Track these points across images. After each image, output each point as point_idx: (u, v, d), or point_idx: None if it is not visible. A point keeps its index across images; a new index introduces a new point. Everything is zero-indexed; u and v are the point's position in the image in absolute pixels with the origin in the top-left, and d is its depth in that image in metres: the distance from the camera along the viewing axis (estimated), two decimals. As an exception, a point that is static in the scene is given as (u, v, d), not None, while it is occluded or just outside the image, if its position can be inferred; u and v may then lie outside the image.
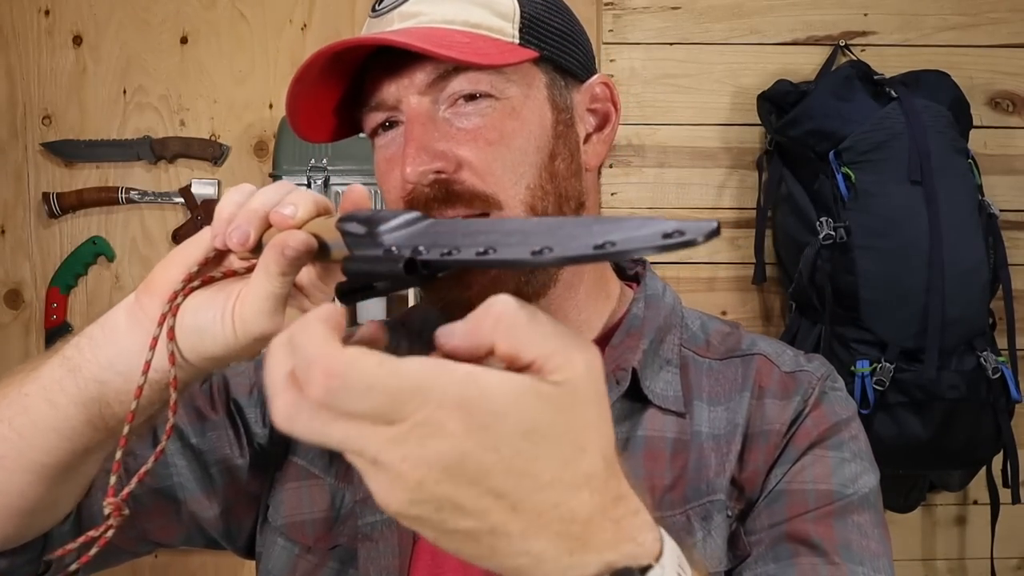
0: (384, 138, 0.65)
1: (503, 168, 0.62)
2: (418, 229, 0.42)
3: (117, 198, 1.84)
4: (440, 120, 0.62)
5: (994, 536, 1.70)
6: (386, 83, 0.62)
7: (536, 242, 0.36)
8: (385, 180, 0.65)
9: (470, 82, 0.61)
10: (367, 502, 0.65)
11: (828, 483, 0.62)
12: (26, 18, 1.84)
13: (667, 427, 0.65)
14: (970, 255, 1.54)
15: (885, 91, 1.60)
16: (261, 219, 0.49)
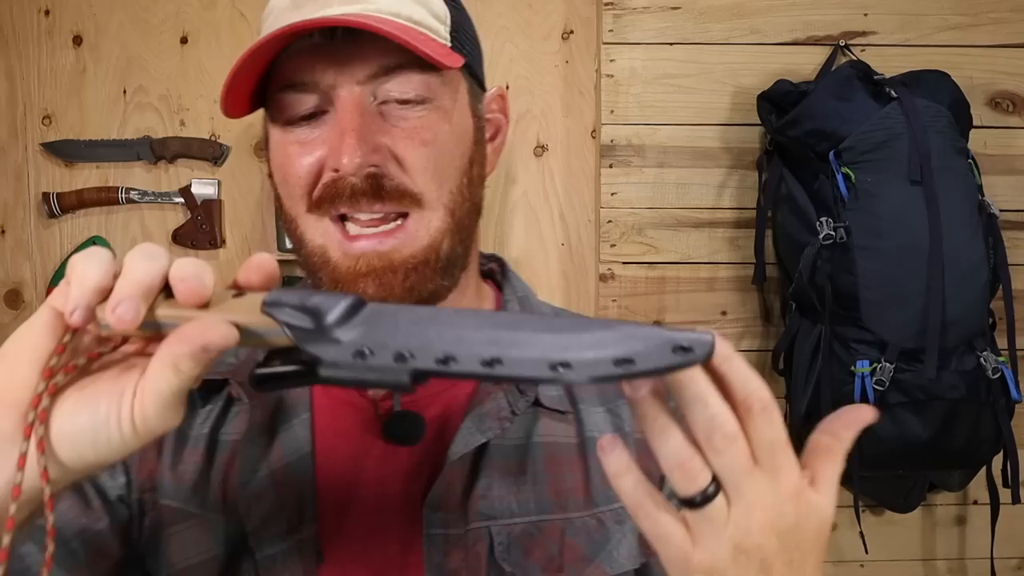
0: (301, 127, 0.62)
1: (433, 170, 0.62)
2: (365, 318, 0.40)
3: (117, 198, 1.84)
4: (375, 114, 0.61)
5: (994, 536, 1.70)
6: (322, 68, 0.60)
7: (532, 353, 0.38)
8: (294, 163, 0.62)
9: (409, 82, 0.61)
10: (261, 533, 0.61)
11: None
12: (26, 18, 1.84)
13: (559, 432, 0.67)
14: (970, 255, 1.54)
15: (885, 91, 1.60)
16: (149, 290, 0.41)
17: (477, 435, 0.64)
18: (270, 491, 0.62)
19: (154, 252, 0.42)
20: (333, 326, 0.40)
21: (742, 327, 1.81)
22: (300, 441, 0.64)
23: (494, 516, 0.63)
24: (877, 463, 1.59)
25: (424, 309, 0.42)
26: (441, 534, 0.62)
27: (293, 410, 0.65)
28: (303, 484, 0.63)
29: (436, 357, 0.38)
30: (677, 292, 1.79)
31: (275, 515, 0.62)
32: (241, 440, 0.64)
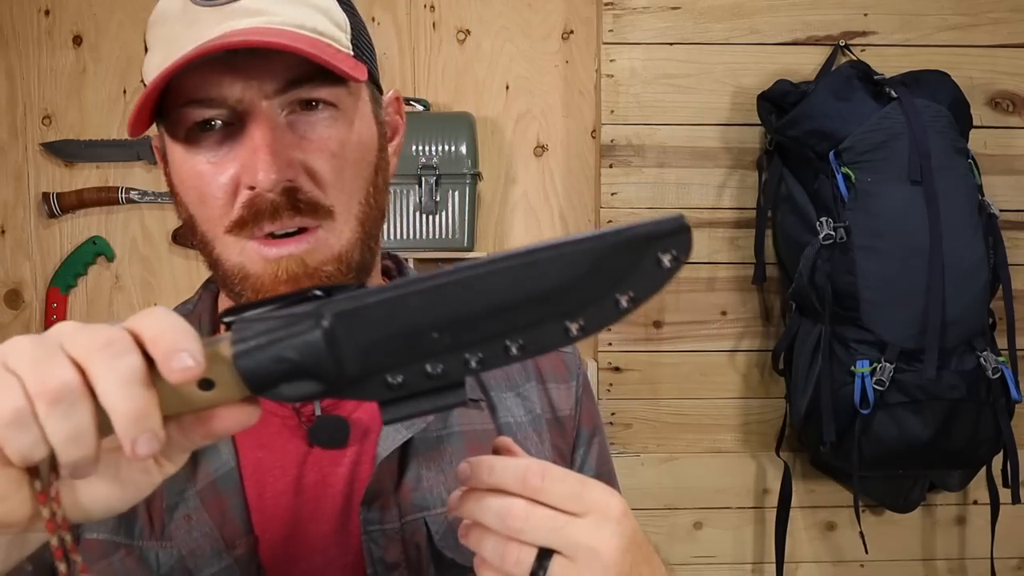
0: (206, 141, 0.60)
1: (342, 181, 0.61)
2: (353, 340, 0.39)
3: (117, 198, 1.84)
4: (284, 127, 0.60)
5: (994, 536, 1.70)
6: (227, 81, 0.58)
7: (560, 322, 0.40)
8: (209, 184, 0.60)
9: (316, 93, 0.60)
10: (196, 555, 0.60)
11: (608, 462, 0.76)
12: (26, 18, 1.84)
13: (475, 420, 0.69)
14: (970, 255, 1.54)
15: (885, 91, 1.60)
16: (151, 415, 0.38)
17: (402, 431, 0.66)
18: (200, 511, 0.62)
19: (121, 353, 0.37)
20: (339, 374, 0.39)
21: (742, 327, 1.81)
22: (224, 456, 0.63)
23: (427, 507, 0.65)
24: (877, 463, 1.59)
25: (391, 302, 0.39)
26: (379, 530, 0.64)
27: None
28: (233, 499, 0.62)
29: (462, 362, 0.40)
30: (677, 292, 1.79)
31: (209, 534, 0.61)
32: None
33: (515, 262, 0.39)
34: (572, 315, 0.40)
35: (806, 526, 1.84)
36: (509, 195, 1.86)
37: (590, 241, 0.39)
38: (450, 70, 1.88)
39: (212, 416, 0.40)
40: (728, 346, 1.81)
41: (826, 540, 1.85)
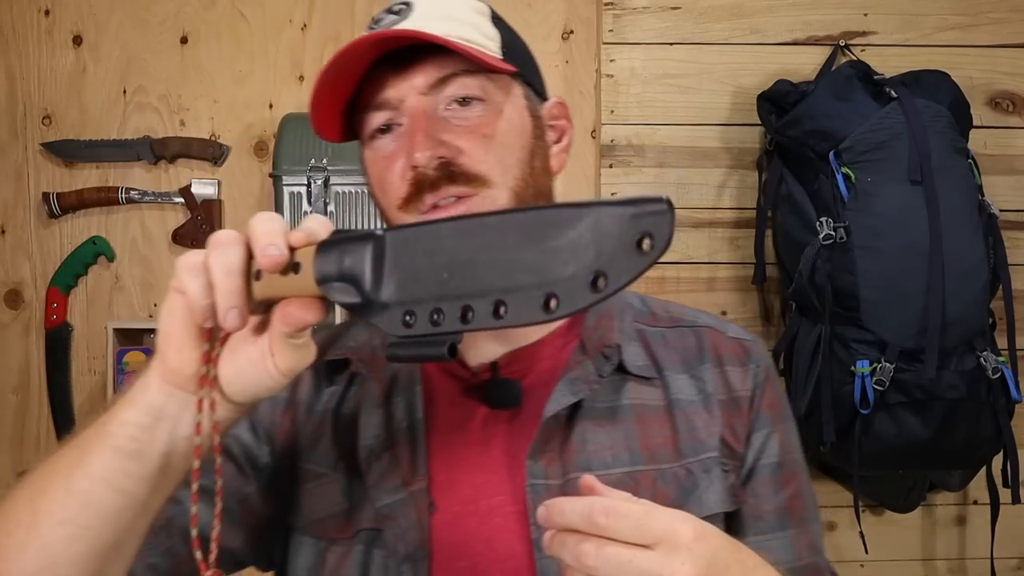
0: (381, 141, 0.72)
1: (496, 158, 0.70)
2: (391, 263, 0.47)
3: (117, 198, 1.84)
4: (439, 117, 0.70)
5: (994, 536, 1.70)
6: (390, 84, 0.70)
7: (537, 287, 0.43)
8: (385, 175, 0.71)
9: (465, 87, 0.70)
10: (379, 486, 0.71)
11: (794, 452, 0.78)
12: (26, 18, 1.84)
13: (646, 395, 0.75)
14: (970, 255, 1.54)
15: (885, 91, 1.60)
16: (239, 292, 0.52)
17: (569, 396, 0.72)
18: (387, 451, 0.73)
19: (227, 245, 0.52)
20: (372, 291, 0.47)
21: (742, 327, 1.81)
22: (413, 408, 0.74)
23: (590, 467, 0.70)
24: (877, 463, 1.59)
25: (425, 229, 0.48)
26: (543, 484, 0.70)
27: (405, 383, 0.75)
28: (416, 444, 0.72)
29: (459, 315, 0.45)
30: (677, 292, 1.79)
31: (391, 470, 0.72)
32: (361, 411, 0.75)
33: (513, 212, 0.47)
34: (551, 288, 0.43)
35: (806, 526, 1.84)
36: (509, 195, 1.86)
37: (572, 206, 0.44)
38: (450, 70, 1.88)
39: (289, 303, 0.51)
40: (728, 346, 1.81)
41: (826, 540, 1.83)
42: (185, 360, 0.53)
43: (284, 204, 1.74)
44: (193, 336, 0.53)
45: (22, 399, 1.89)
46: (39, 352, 1.87)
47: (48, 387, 1.88)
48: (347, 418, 0.76)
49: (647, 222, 0.41)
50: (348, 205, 1.74)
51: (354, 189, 1.76)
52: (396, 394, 0.75)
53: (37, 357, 1.88)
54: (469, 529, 0.70)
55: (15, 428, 1.89)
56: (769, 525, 0.74)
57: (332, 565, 0.71)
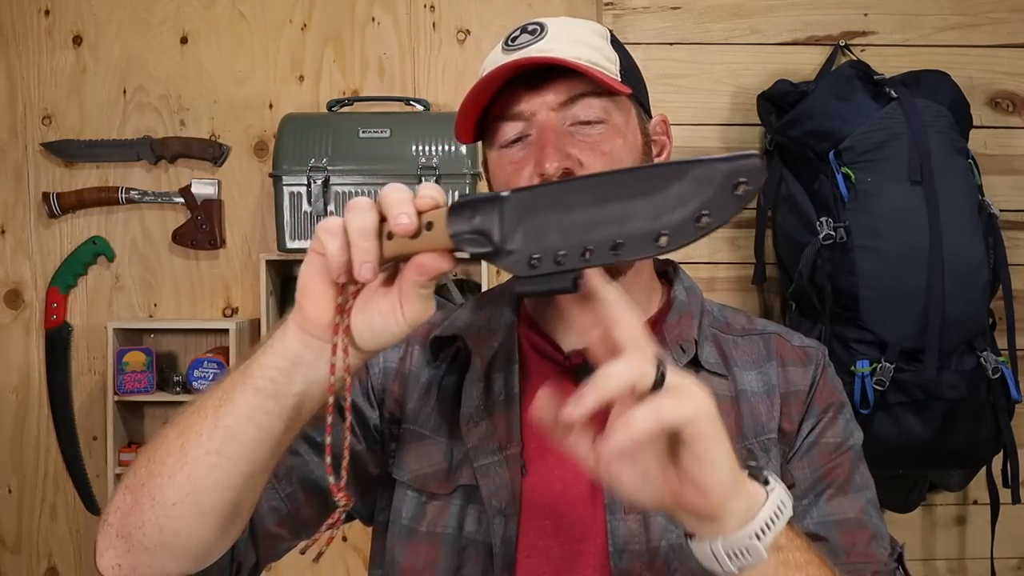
0: (512, 148, 0.81)
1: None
2: (516, 216, 0.55)
3: (117, 198, 1.84)
4: (565, 132, 0.79)
5: (994, 536, 1.70)
6: (524, 99, 0.79)
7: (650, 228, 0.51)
8: (513, 179, 0.80)
9: (590, 107, 0.79)
10: (478, 449, 0.80)
11: (840, 437, 0.84)
12: (26, 18, 1.85)
13: (716, 386, 0.81)
14: (970, 255, 1.54)
15: (885, 91, 1.60)
16: (373, 251, 0.59)
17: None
18: (486, 419, 0.81)
19: (362, 209, 0.59)
20: (502, 241, 0.55)
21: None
22: (510, 384, 0.83)
23: None
24: (877, 463, 1.57)
25: (550, 189, 0.56)
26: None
27: (505, 360, 0.84)
28: (512, 415, 0.81)
29: (580, 254, 0.52)
30: (677, 292, 1.79)
31: (489, 436, 0.81)
32: (464, 383, 0.84)
33: (625, 171, 0.54)
34: (662, 227, 0.51)
35: (806, 526, 1.84)
36: (509, 195, 1.86)
37: (680, 163, 0.52)
38: (450, 70, 1.88)
39: (421, 256, 0.58)
40: (728, 346, 1.81)
41: (826, 540, 1.85)
42: (322, 310, 0.60)
43: (284, 204, 1.74)
44: (329, 290, 0.60)
45: (22, 399, 1.89)
46: (39, 352, 1.88)
47: (48, 387, 1.88)
48: (451, 389, 0.85)
49: (744, 170, 0.49)
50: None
51: (354, 189, 1.76)
52: (496, 370, 0.84)
53: (37, 357, 1.88)
54: (555, 492, 0.79)
55: (15, 428, 1.89)
56: (803, 492, 0.81)
57: (432, 515, 0.81)
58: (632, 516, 0.77)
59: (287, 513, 0.78)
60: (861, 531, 0.80)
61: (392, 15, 1.85)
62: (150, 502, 0.64)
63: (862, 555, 0.79)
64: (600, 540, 0.77)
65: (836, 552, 0.78)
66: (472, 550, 0.79)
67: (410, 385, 0.86)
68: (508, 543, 0.77)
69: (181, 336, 1.90)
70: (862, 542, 0.80)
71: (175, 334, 1.89)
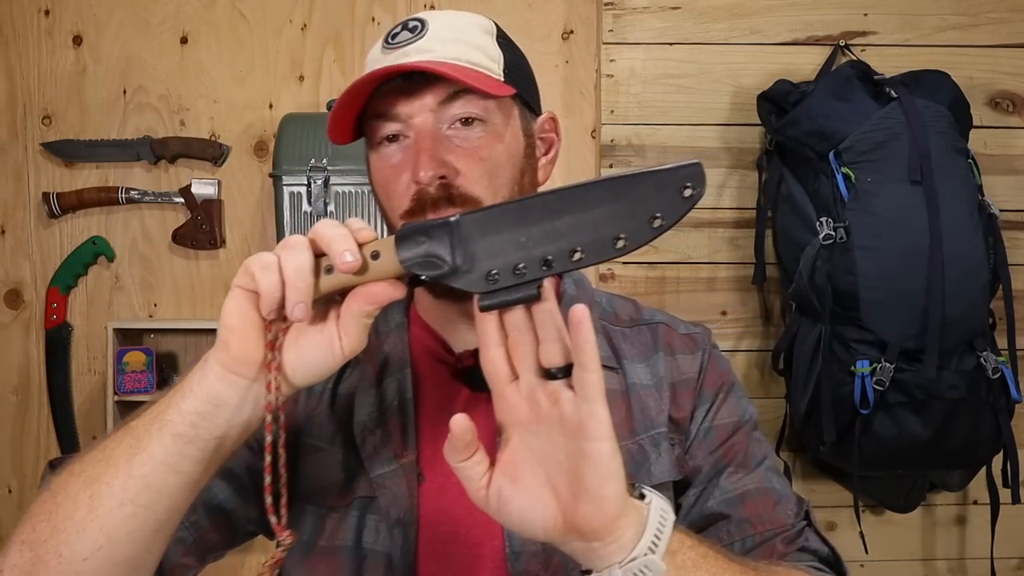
0: (388, 148, 0.79)
1: (489, 179, 0.77)
2: (467, 236, 0.56)
3: (117, 198, 1.84)
4: (443, 136, 0.77)
5: (994, 536, 1.70)
6: (401, 101, 0.77)
7: (608, 234, 0.55)
8: (391, 183, 0.79)
9: (468, 107, 0.77)
10: (373, 458, 0.79)
11: (735, 416, 0.86)
12: (26, 18, 1.85)
13: (610, 381, 0.80)
14: (970, 255, 1.54)
15: (885, 91, 1.60)
16: (307, 288, 0.58)
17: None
18: (380, 427, 0.81)
19: (298, 248, 0.58)
20: (455, 261, 0.56)
21: (742, 327, 1.81)
22: (403, 389, 0.82)
23: None
24: (877, 463, 1.59)
25: (498, 210, 0.57)
26: None
27: (397, 366, 0.84)
28: (406, 421, 0.81)
29: (540, 264, 0.55)
30: (677, 292, 1.79)
31: (384, 445, 0.80)
32: (357, 391, 0.83)
33: (578, 186, 0.56)
34: (618, 232, 0.55)
35: (806, 526, 1.84)
36: (509, 195, 1.86)
37: (630, 175, 0.56)
38: (450, 70, 1.88)
39: (372, 286, 0.58)
40: (728, 346, 1.81)
41: (826, 540, 1.85)
42: (250, 348, 0.60)
43: (284, 204, 1.74)
44: (258, 326, 0.60)
45: (22, 399, 1.89)
46: (39, 352, 1.88)
47: (48, 387, 1.88)
48: (343, 398, 0.84)
49: (689, 176, 0.57)
50: (348, 205, 1.74)
51: (354, 189, 1.76)
52: (387, 376, 0.83)
53: (37, 357, 1.88)
54: (451, 498, 0.78)
55: (15, 428, 1.89)
56: (705, 476, 0.82)
57: (331, 529, 0.79)
58: None
59: (193, 542, 0.77)
60: (764, 499, 0.81)
61: (392, 15, 1.85)
62: (56, 558, 0.61)
63: (769, 522, 0.79)
64: (497, 543, 0.77)
65: (743, 525, 0.79)
66: (371, 561, 0.78)
67: (303, 396, 0.84)
68: (407, 552, 0.77)
69: (181, 336, 1.90)
70: (767, 510, 0.80)
71: (175, 334, 1.89)
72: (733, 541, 0.79)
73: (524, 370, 0.58)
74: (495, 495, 0.58)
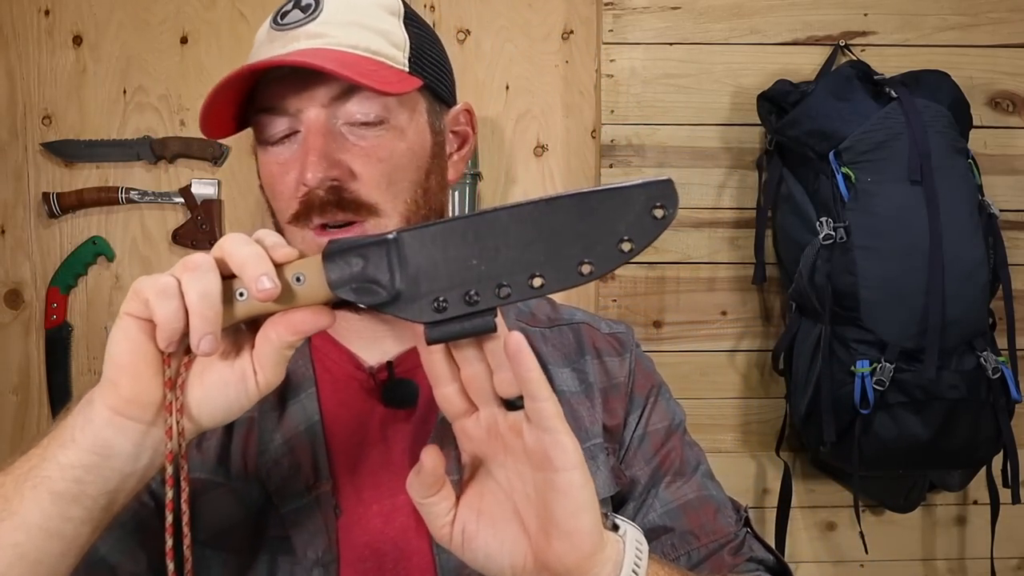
0: (279, 147, 0.70)
1: (388, 183, 0.69)
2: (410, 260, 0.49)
3: (117, 198, 1.84)
4: (337, 133, 0.68)
5: (994, 536, 1.70)
6: (291, 93, 0.68)
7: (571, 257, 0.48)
8: (278, 183, 0.71)
9: (366, 103, 0.68)
10: (281, 492, 0.70)
11: (667, 420, 0.81)
12: (26, 18, 1.84)
13: None
14: (970, 255, 1.54)
15: (885, 91, 1.60)
16: (216, 317, 0.49)
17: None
18: (287, 456, 0.71)
19: (203, 270, 0.49)
20: (395, 287, 0.49)
21: (742, 327, 1.81)
22: (309, 411, 0.72)
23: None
24: (877, 463, 1.59)
25: (446, 227, 0.49)
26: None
27: (300, 386, 0.74)
28: (316, 447, 0.71)
29: (494, 290, 0.48)
30: (677, 292, 1.79)
31: (293, 476, 0.70)
32: (256, 416, 0.73)
33: (538, 201, 0.49)
34: (583, 256, 0.48)
35: (806, 526, 1.84)
36: (509, 195, 1.86)
37: (596, 191, 0.49)
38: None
39: (295, 313, 0.49)
40: (728, 346, 1.81)
41: (826, 540, 1.85)
42: (144, 388, 0.50)
43: (284, 204, 1.74)
44: (153, 362, 0.50)
45: (22, 399, 1.89)
46: (39, 352, 1.88)
47: (48, 387, 1.88)
48: (241, 424, 0.73)
49: (660, 194, 0.48)
50: (348, 205, 1.74)
51: (354, 189, 1.76)
52: (290, 397, 0.73)
53: (37, 357, 1.88)
54: (374, 530, 0.70)
55: (15, 428, 1.89)
56: (644, 487, 0.77)
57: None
58: None
59: None
60: (704, 508, 0.77)
61: (392, 15, 1.85)
62: None
63: (712, 533, 0.76)
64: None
65: (687, 538, 0.75)
66: None
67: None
68: None
69: (181, 336, 1.90)
70: (709, 520, 0.76)
71: (175, 334, 1.89)
72: (679, 555, 0.74)
73: (482, 403, 0.52)
74: (459, 531, 0.53)
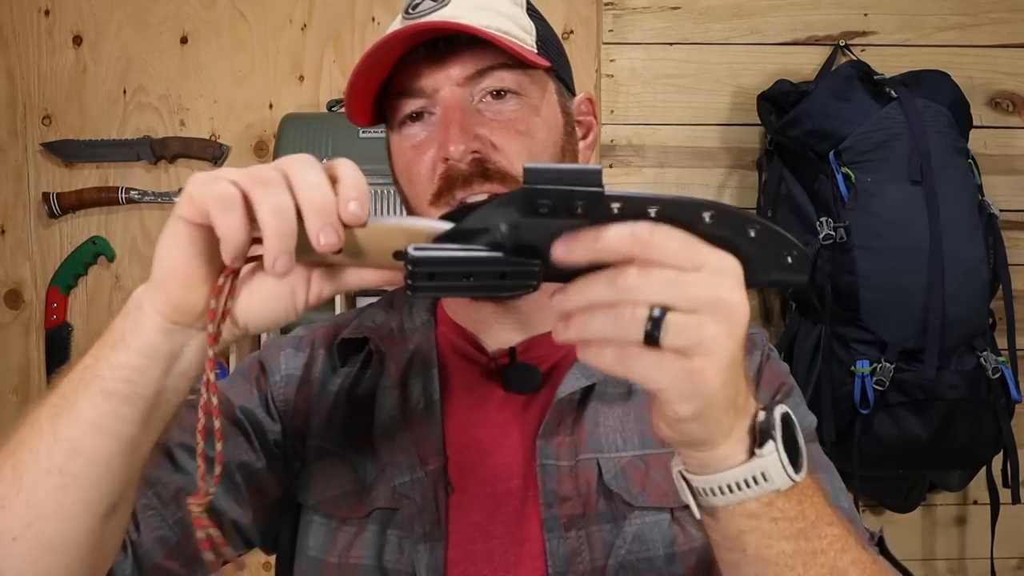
0: (412, 128, 0.71)
1: (528, 155, 0.69)
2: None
3: (117, 198, 1.84)
4: (474, 110, 0.69)
5: (994, 536, 1.70)
6: (425, 73, 0.68)
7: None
8: (414, 165, 0.70)
9: (501, 80, 0.69)
10: (395, 465, 0.71)
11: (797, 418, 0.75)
12: (26, 18, 1.84)
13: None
14: (970, 255, 1.54)
15: (885, 91, 1.60)
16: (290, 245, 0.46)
17: (582, 379, 0.72)
18: (404, 432, 0.72)
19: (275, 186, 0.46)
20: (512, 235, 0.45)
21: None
22: (429, 390, 0.73)
23: (601, 449, 0.71)
24: (877, 463, 1.59)
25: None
26: (553, 464, 0.70)
27: (422, 365, 0.75)
28: (432, 425, 0.72)
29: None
30: (677, 292, 1.79)
31: (407, 451, 0.71)
32: (377, 391, 0.74)
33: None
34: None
35: (806, 526, 1.84)
36: (509, 195, 1.85)
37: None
38: (450, 70, 1.88)
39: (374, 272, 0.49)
40: (728, 346, 1.81)
41: (826, 540, 1.85)
42: (194, 296, 0.49)
43: (284, 204, 1.74)
44: (205, 270, 0.48)
45: (22, 399, 1.89)
46: (39, 352, 1.87)
47: (48, 387, 1.88)
48: (362, 398, 0.75)
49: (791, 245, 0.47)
50: (348, 205, 1.74)
51: (354, 189, 1.76)
52: (412, 376, 0.75)
53: (37, 357, 1.88)
54: (485, 511, 0.70)
55: (15, 428, 1.89)
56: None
57: (344, 544, 0.70)
58: (574, 533, 0.68)
59: (177, 543, 0.66)
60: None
61: (392, 15, 1.83)
62: None
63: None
64: (538, 563, 0.68)
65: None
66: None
67: (315, 395, 0.76)
68: (435, 572, 0.68)
69: (181, 336, 1.90)
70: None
71: (175, 334, 1.89)
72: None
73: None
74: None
